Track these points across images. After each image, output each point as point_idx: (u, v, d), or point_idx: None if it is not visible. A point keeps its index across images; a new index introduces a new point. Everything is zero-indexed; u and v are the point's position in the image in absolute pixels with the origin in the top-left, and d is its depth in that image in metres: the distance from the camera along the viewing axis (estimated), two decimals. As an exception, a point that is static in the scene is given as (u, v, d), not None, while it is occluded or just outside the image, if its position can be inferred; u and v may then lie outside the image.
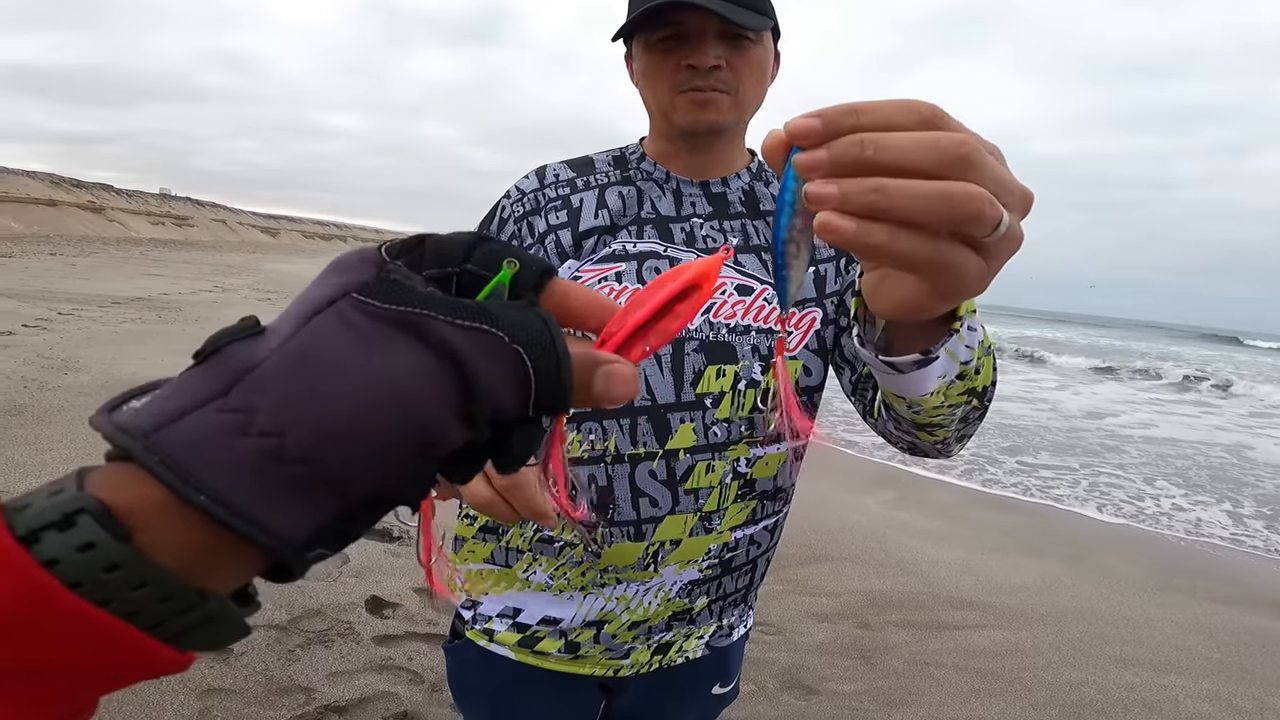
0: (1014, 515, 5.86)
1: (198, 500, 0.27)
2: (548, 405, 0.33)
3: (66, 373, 6.74)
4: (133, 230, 64.72)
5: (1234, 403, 15.79)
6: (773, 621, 3.57)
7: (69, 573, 0.25)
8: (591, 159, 1.18)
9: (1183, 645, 3.82)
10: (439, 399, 0.30)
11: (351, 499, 0.29)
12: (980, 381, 0.77)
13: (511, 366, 0.32)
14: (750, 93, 1.08)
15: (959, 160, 0.36)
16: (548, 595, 1.10)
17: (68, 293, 13.48)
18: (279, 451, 0.28)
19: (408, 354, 0.30)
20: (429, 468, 0.31)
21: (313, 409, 0.28)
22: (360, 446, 0.29)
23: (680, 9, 1.01)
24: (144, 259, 28.67)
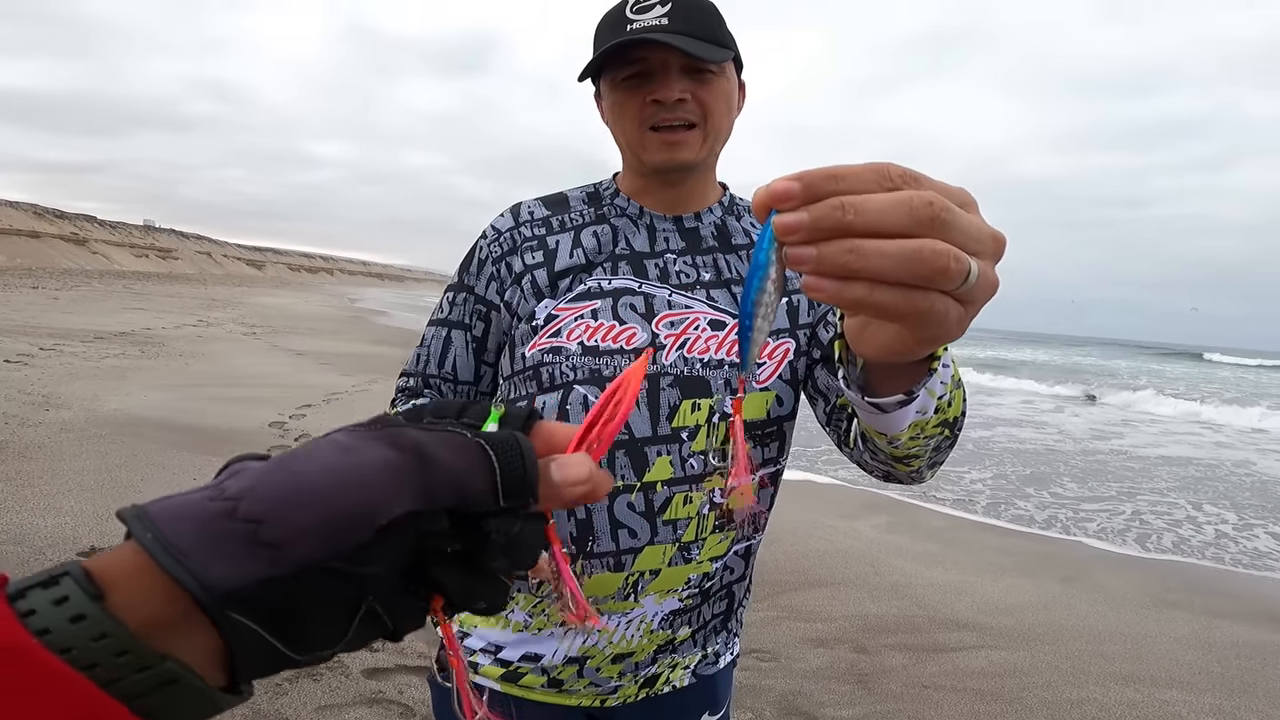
0: (1007, 537, 5.86)
1: (145, 540, 0.30)
2: (514, 490, 0.37)
3: (48, 409, 6.66)
4: (116, 263, 64.43)
5: (1099, 411, 16.21)
6: (768, 648, 3.53)
7: (40, 621, 0.29)
8: (566, 196, 1.19)
9: (1182, 660, 3.80)
10: (389, 478, 0.34)
11: (283, 561, 0.32)
12: (952, 413, 0.81)
13: (476, 457, 0.37)
14: (718, 125, 1.10)
15: (929, 219, 0.39)
16: (527, 634, 1.11)
17: (50, 327, 13.37)
18: (232, 511, 0.32)
19: (374, 450, 0.35)
20: (387, 547, 0.34)
21: (273, 486, 0.33)
22: (303, 514, 0.32)
23: (641, 46, 1.04)
24: (127, 292, 28.52)
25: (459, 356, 1.18)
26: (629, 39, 1.02)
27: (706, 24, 1.06)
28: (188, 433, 6.31)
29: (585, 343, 1.07)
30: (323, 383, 9.82)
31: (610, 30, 1.07)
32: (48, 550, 3.73)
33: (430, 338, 1.20)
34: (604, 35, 1.08)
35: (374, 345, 16.29)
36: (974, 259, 0.40)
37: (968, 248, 0.40)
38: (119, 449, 5.58)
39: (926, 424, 0.78)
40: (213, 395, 8.14)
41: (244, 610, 0.31)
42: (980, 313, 0.45)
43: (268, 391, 8.70)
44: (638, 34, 1.02)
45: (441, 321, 1.19)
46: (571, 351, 1.07)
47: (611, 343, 1.06)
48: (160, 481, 4.93)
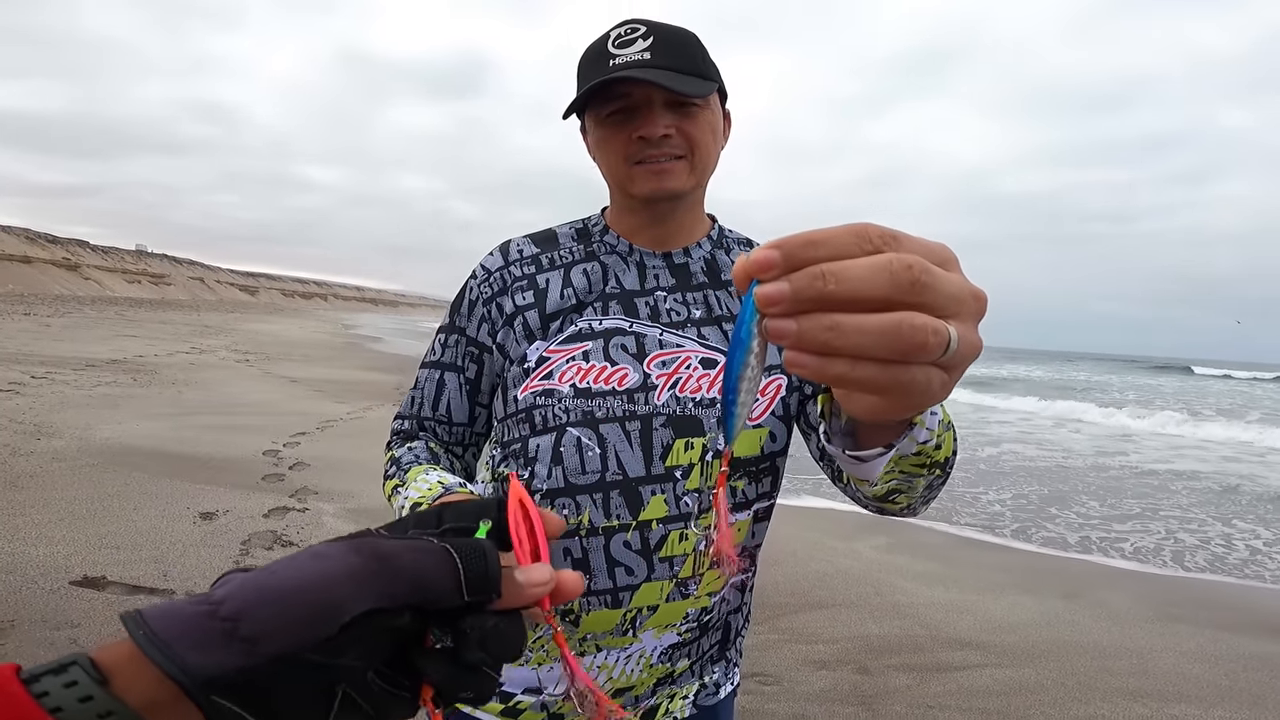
0: (1005, 555, 5.83)
1: (137, 636, 0.35)
2: (478, 587, 0.42)
3: (39, 438, 6.61)
4: (108, 289, 64.27)
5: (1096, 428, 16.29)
6: (770, 671, 3.49)
7: (53, 701, 0.33)
8: (555, 233, 1.20)
9: (1190, 674, 3.78)
10: (348, 580, 0.39)
11: (259, 653, 0.36)
12: (942, 455, 0.83)
13: (440, 559, 0.41)
14: (704, 157, 1.10)
15: (909, 284, 0.38)
16: (528, 668, 1.10)
17: (41, 355, 13.31)
18: (214, 613, 0.37)
19: (340, 556, 0.40)
20: (357, 640, 0.39)
21: (250, 591, 0.37)
22: (271, 612, 0.37)
23: (625, 83, 1.03)
24: (119, 319, 28.45)
25: (453, 399, 1.18)
26: (612, 76, 1.02)
27: (689, 56, 1.06)
28: (181, 462, 6.26)
29: (578, 385, 1.07)
30: (317, 410, 9.78)
31: (593, 65, 1.07)
32: (40, 580, 3.69)
33: (423, 380, 1.20)
34: (587, 71, 1.08)
35: (368, 372, 16.25)
36: (954, 324, 0.40)
37: (948, 309, 0.40)
38: (111, 478, 5.54)
39: (901, 462, 0.80)
40: (206, 423, 8.09)
41: (226, 695, 0.36)
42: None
43: (261, 419, 8.65)
44: (620, 70, 1.02)
45: (434, 364, 1.20)
46: (564, 394, 1.07)
47: (604, 384, 1.07)
48: (153, 511, 4.89)
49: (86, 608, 3.45)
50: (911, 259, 0.39)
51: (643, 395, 1.06)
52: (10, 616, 3.30)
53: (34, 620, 3.29)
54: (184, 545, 4.32)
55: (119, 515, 4.74)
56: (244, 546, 4.38)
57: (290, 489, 5.71)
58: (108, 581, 3.74)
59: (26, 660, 0.35)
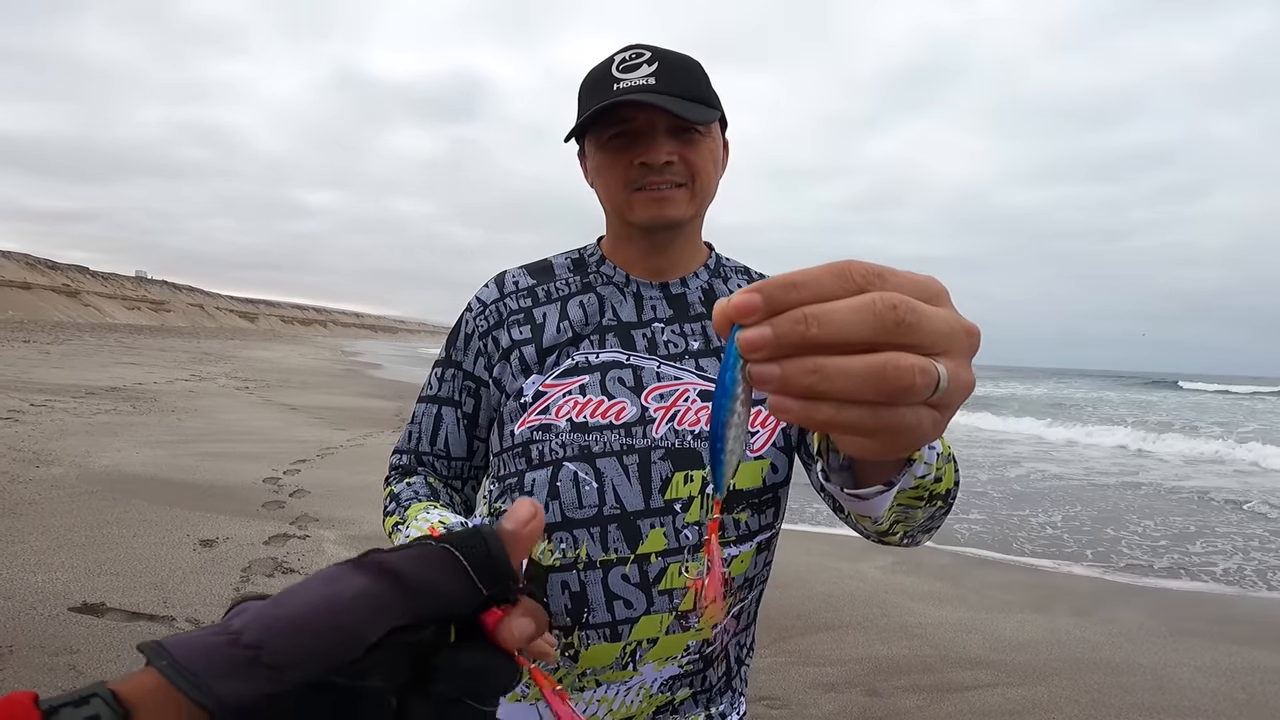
0: (1011, 572, 5.79)
1: (161, 666, 0.35)
2: (491, 576, 0.41)
3: (39, 465, 6.58)
4: (108, 315, 64.37)
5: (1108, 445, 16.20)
6: (778, 695, 3.44)
7: None
8: (551, 264, 1.19)
9: (1205, 689, 3.74)
10: (368, 602, 0.38)
11: (286, 680, 0.36)
12: (943, 487, 0.84)
13: (443, 561, 0.40)
14: (705, 185, 1.09)
15: (894, 323, 0.37)
16: (523, 705, 1.08)
17: (41, 383, 13.30)
18: (235, 641, 0.36)
19: (353, 578, 0.39)
20: (381, 661, 0.38)
21: (269, 619, 0.37)
22: (294, 640, 0.37)
23: (628, 107, 1.03)
24: (119, 346, 28.46)
25: (450, 433, 1.17)
26: (616, 100, 1.01)
27: (693, 83, 1.05)
28: (180, 489, 6.23)
29: (574, 419, 1.06)
30: (317, 438, 9.75)
31: (596, 89, 1.06)
32: (39, 606, 3.65)
33: (421, 415, 1.19)
34: (589, 95, 1.07)
35: (368, 399, 16.23)
36: (944, 361, 0.39)
37: (937, 347, 0.39)
38: (111, 506, 5.50)
39: (909, 496, 0.81)
40: (205, 451, 8.06)
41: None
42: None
43: (261, 447, 8.62)
44: (624, 94, 1.01)
45: (431, 399, 1.19)
46: (561, 429, 1.06)
47: (601, 418, 1.06)
48: (153, 538, 4.85)
49: (85, 634, 3.41)
50: (896, 297, 0.38)
51: (640, 429, 1.05)
52: (9, 642, 3.26)
53: (33, 646, 3.25)
54: (184, 572, 4.28)
55: (118, 542, 4.70)
56: (244, 573, 4.34)
57: (290, 516, 5.67)
58: (107, 608, 3.70)
59: (26, 686, 0.33)
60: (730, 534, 1.06)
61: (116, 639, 3.38)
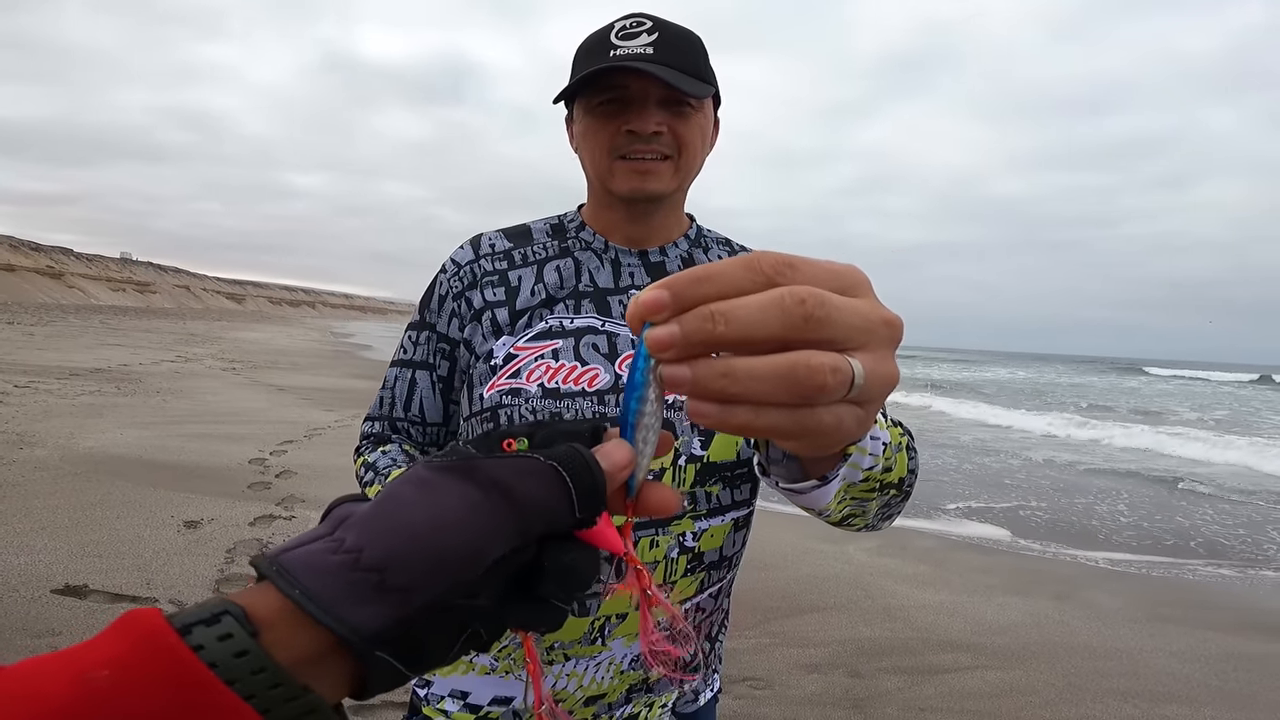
0: (993, 556, 5.84)
1: (294, 595, 0.34)
2: (589, 504, 0.41)
3: (22, 447, 6.53)
4: (93, 297, 63.78)
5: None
6: (761, 675, 3.47)
7: (209, 655, 0.32)
8: (529, 228, 1.17)
9: (1180, 674, 3.79)
10: (485, 519, 0.38)
11: (413, 603, 0.36)
12: (894, 476, 0.83)
13: (549, 479, 0.40)
14: (691, 160, 1.08)
15: (804, 320, 0.36)
16: (494, 677, 1.07)
17: (24, 364, 13.19)
18: (356, 563, 0.36)
19: (458, 489, 0.38)
20: (490, 580, 0.38)
21: (385, 535, 0.37)
22: (419, 561, 0.36)
23: (623, 74, 1.01)
24: (104, 328, 28.24)
25: (425, 397, 1.14)
26: (612, 64, 0.99)
27: (691, 56, 1.04)
28: (165, 470, 6.20)
29: (545, 384, 1.03)
30: (304, 418, 9.71)
31: (592, 54, 1.04)
32: (21, 588, 3.64)
33: (394, 379, 1.16)
34: (584, 59, 1.05)
35: (356, 380, 16.17)
36: (860, 356, 0.37)
37: (852, 341, 0.37)
38: (94, 487, 5.47)
39: (850, 489, 0.77)
40: (192, 432, 8.02)
41: (384, 647, 0.36)
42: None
43: (248, 428, 8.58)
44: (621, 60, 1.00)
45: (405, 362, 1.16)
46: (531, 394, 1.02)
47: (573, 385, 1.03)
48: (136, 519, 4.83)
49: (68, 616, 3.40)
50: (805, 291, 0.36)
51: (614, 396, 1.03)
52: (-10, 625, 3.25)
53: (14, 628, 3.24)
54: (168, 554, 4.27)
55: (101, 524, 4.68)
56: (229, 555, 4.33)
57: (277, 497, 5.66)
58: (89, 590, 3.69)
59: None
60: (701, 507, 1.04)
61: (99, 620, 3.37)
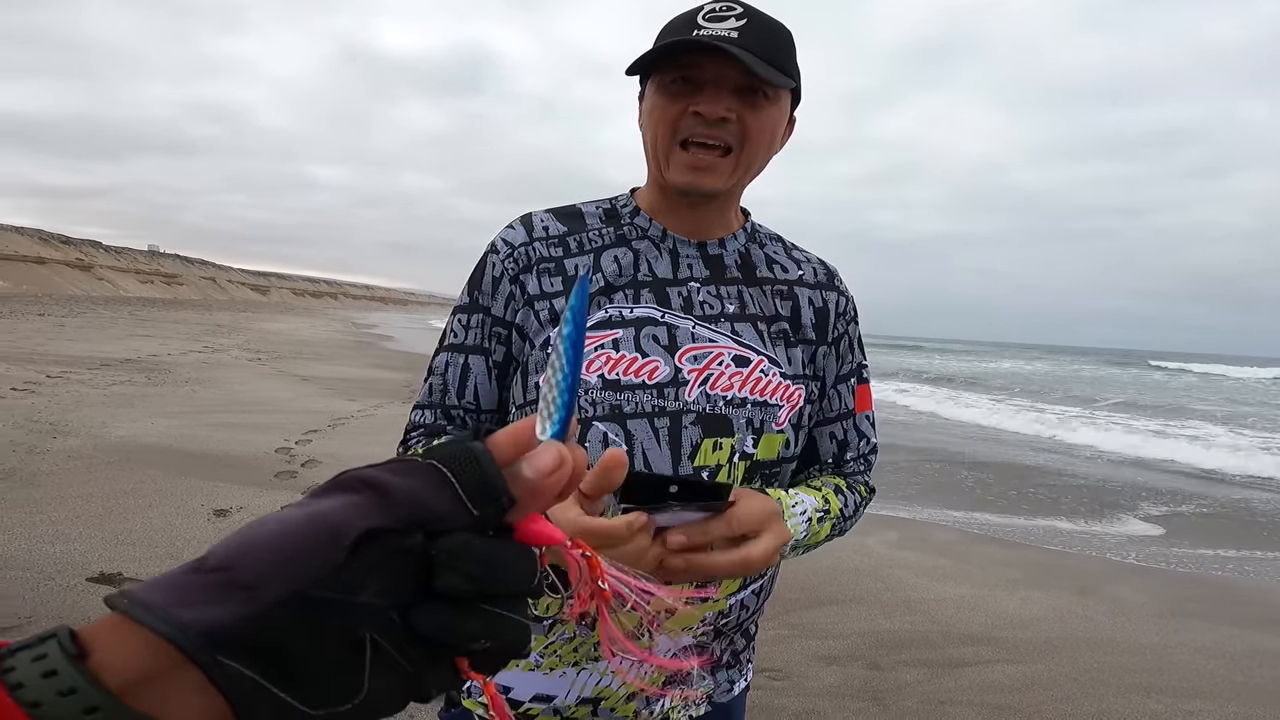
0: (1018, 550, 5.81)
1: (120, 604, 0.32)
2: (479, 496, 0.37)
3: (55, 436, 6.67)
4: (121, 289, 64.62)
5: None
6: (780, 667, 3.49)
7: (30, 695, 0.30)
8: (580, 211, 1.14)
9: (1204, 670, 3.77)
10: (343, 507, 0.35)
11: (264, 598, 0.33)
12: (820, 538, 1.02)
13: (429, 476, 0.37)
14: (753, 154, 1.04)
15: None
16: (538, 674, 1.07)
17: (56, 355, 13.42)
18: (200, 567, 0.33)
19: (330, 496, 0.36)
20: (366, 571, 0.34)
21: (242, 538, 0.34)
22: (269, 554, 0.33)
23: (700, 53, 0.98)
24: (133, 319, 28.63)
25: (480, 383, 1.09)
26: (689, 40, 0.97)
27: (777, 47, 1.01)
28: (195, 459, 6.31)
29: (606, 375, 1.01)
30: (329, 408, 9.82)
31: (675, 31, 1.02)
32: (57, 576, 3.73)
33: (444, 365, 1.11)
34: (667, 35, 1.03)
35: (379, 370, 16.30)
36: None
37: None
38: (127, 476, 5.58)
39: (798, 547, 0.97)
40: (219, 422, 8.14)
41: (233, 654, 0.32)
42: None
43: (274, 418, 8.70)
44: (702, 38, 0.97)
45: (456, 347, 1.10)
46: (591, 384, 1.00)
47: (634, 376, 1.01)
48: (168, 508, 4.93)
49: (102, 604, 3.47)
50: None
51: (673, 390, 1.01)
52: (28, 612, 3.34)
53: (51, 616, 3.32)
54: (199, 542, 4.35)
55: (134, 512, 4.78)
56: (258, 543, 4.41)
57: (303, 485, 5.74)
58: (124, 578, 3.78)
59: None
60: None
61: (133, 607, 3.45)
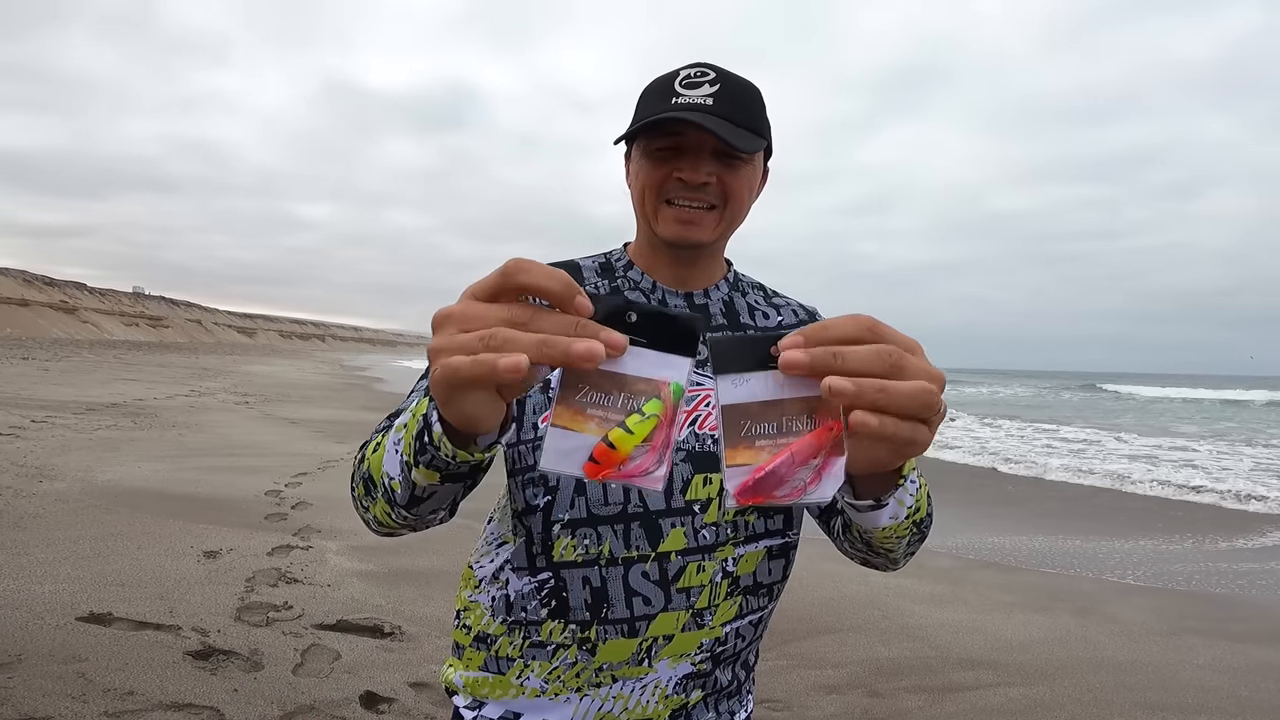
0: (1011, 574, 5.80)
1: None
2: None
3: (41, 480, 6.59)
4: (106, 332, 64.23)
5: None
6: (779, 697, 3.46)
7: None
8: (578, 264, 1.21)
9: (1209, 686, 3.76)
10: None
11: None
12: (919, 515, 0.95)
13: None
14: (736, 210, 1.12)
15: (891, 367, 0.55)
16: (544, 699, 1.10)
17: (41, 400, 13.30)
18: None
19: None
20: None
21: None
22: None
23: (681, 122, 1.05)
24: (118, 363, 28.45)
25: None
26: (668, 115, 1.04)
27: (749, 110, 1.08)
28: (183, 502, 6.24)
29: None
30: (317, 451, 9.76)
31: (654, 100, 1.09)
32: (46, 615, 3.67)
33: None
34: (648, 103, 1.10)
35: (370, 412, 16.23)
36: None
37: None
38: (114, 518, 5.52)
39: (899, 527, 0.90)
40: (207, 465, 8.07)
41: None
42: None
43: (263, 460, 8.63)
44: (679, 110, 1.04)
45: None
46: None
47: None
48: (157, 550, 4.87)
49: (94, 643, 3.43)
50: (892, 347, 0.56)
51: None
52: (18, 651, 3.28)
53: (41, 655, 3.27)
54: (189, 583, 4.30)
55: (123, 554, 4.72)
56: (249, 583, 4.35)
57: (293, 528, 5.69)
58: (114, 618, 3.71)
59: (35, 694, 0.31)
60: (740, 534, 1.09)
61: (124, 647, 3.39)
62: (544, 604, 1.07)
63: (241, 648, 3.49)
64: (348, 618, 3.95)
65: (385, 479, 0.89)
